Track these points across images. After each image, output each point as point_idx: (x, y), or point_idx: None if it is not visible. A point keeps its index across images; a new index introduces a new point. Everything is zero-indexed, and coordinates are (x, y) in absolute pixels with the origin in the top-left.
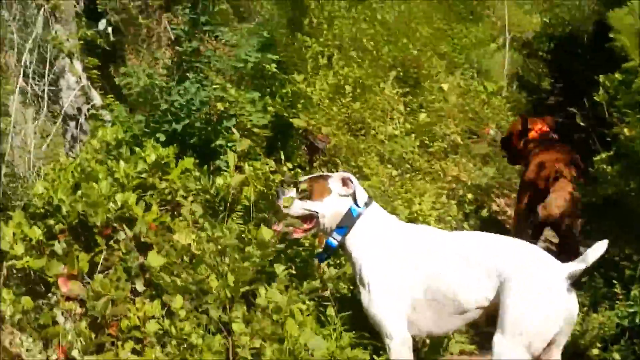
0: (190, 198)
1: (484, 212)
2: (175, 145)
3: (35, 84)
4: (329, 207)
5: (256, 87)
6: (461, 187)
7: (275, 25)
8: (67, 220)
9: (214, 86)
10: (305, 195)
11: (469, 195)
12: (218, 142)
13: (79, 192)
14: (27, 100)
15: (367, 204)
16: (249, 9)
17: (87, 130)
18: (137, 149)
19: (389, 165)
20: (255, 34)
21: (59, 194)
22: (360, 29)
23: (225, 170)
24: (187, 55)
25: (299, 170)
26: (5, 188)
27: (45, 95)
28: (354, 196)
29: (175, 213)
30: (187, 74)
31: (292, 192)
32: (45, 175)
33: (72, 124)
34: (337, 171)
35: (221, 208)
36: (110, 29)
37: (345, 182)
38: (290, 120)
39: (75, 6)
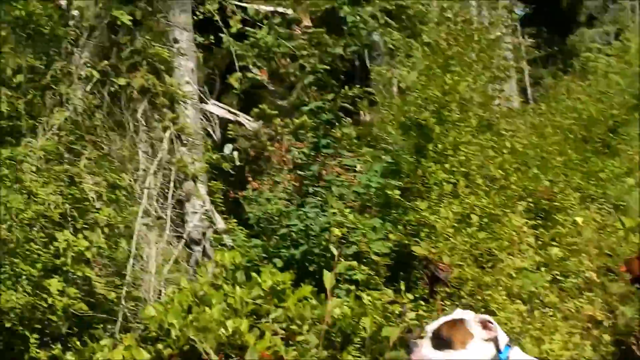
0: (306, 327)
1: (623, 356)
2: (292, 271)
3: (159, 207)
4: (476, 356)
5: (378, 214)
6: (596, 328)
7: (400, 150)
8: (177, 345)
9: (333, 211)
10: (444, 344)
11: (606, 337)
12: (337, 270)
13: (190, 317)
14: (151, 223)
15: (509, 347)
16: (373, 134)
17: (211, 255)
18: (253, 275)
19: (518, 300)
20: (379, 159)
21: (169, 318)
22: (488, 156)
23: (346, 300)
24: (308, 180)
25: (422, 302)
26: (127, 311)
27: (168, 219)
28: (495, 340)
29: (290, 342)
30: (307, 199)
31: (426, 342)
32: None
33: (197, 248)
34: (460, 305)
35: (338, 339)
36: (235, 154)
37: (485, 324)
38: (411, 247)
39: (213, 133)
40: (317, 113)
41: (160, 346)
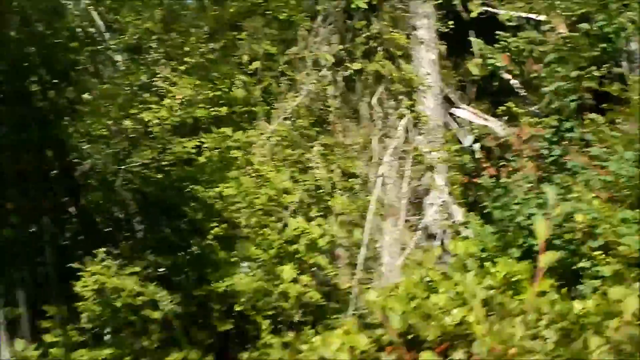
0: (544, 322)
1: None
2: (530, 262)
3: (395, 197)
4: None
5: (631, 206)
6: None
7: None
8: (397, 331)
9: (577, 196)
10: None
11: None
12: (581, 265)
13: (413, 303)
14: (384, 213)
15: None
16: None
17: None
18: (486, 264)
19: None
20: (631, 147)
21: (390, 302)
22: None
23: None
24: (549, 165)
25: None
26: (358, 301)
27: (403, 209)
28: None
29: None
30: (548, 185)
31: None
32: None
33: (434, 241)
34: None
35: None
36: (477, 146)
37: None
38: None
39: (463, 139)
40: (561, 95)
41: (379, 332)
